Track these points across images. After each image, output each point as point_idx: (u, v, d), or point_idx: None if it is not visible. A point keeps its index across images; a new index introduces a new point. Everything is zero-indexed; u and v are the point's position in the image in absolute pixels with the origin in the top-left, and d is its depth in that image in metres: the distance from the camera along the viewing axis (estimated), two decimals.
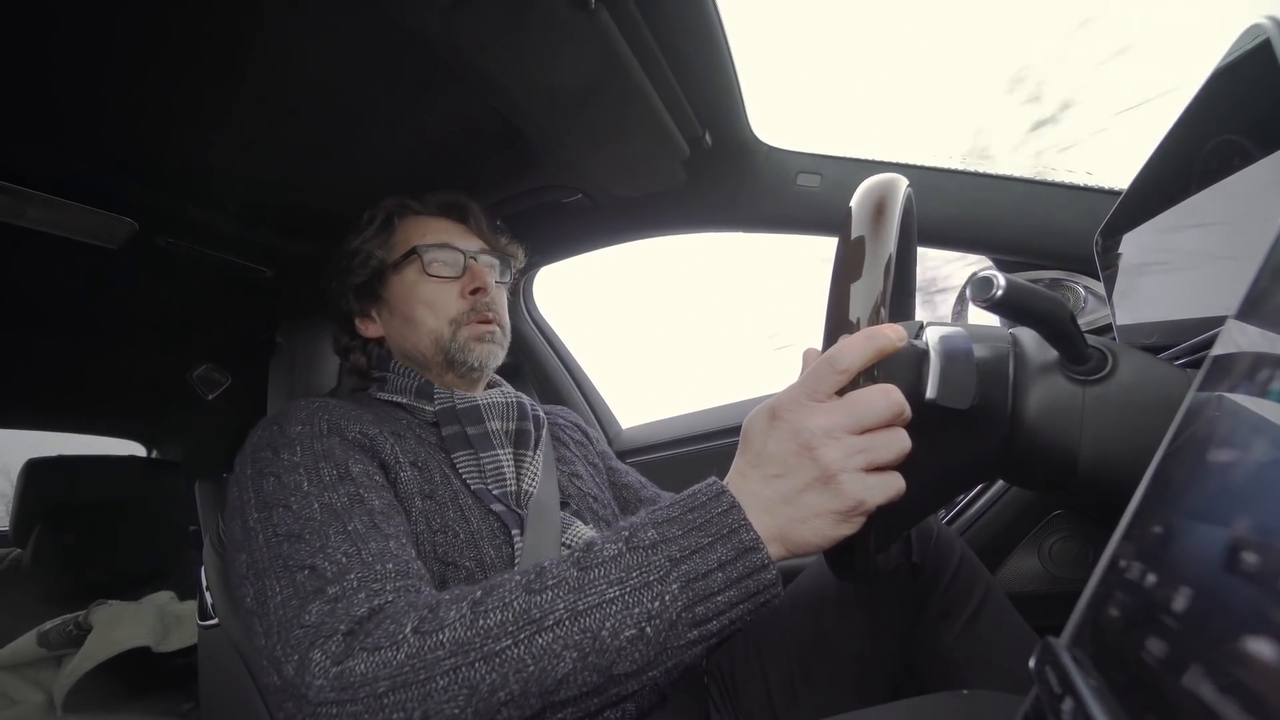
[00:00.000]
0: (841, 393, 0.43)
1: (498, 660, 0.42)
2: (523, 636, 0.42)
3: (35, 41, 0.72)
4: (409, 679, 0.42)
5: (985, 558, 0.86)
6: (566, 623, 0.42)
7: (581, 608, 0.43)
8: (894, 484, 0.43)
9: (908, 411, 0.43)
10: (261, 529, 0.56)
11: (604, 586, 0.43)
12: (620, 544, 0.45)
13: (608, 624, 0.42)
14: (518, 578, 0.46)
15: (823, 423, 0.43)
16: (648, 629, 0.42)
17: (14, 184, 0.90)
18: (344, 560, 0.52)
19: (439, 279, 0.83)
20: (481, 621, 0.43)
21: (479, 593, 0.46)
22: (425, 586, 0.54)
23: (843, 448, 0.42)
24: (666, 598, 0.42)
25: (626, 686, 0.43)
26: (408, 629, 0.44)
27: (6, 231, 0.97)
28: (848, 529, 0.43)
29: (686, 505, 0.46)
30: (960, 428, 0.49)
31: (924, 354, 0.46)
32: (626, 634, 0.42)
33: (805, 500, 0.43)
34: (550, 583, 0.44)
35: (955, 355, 0.45)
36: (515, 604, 0.44)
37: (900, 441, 0.42)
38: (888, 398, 0.42)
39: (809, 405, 0.43)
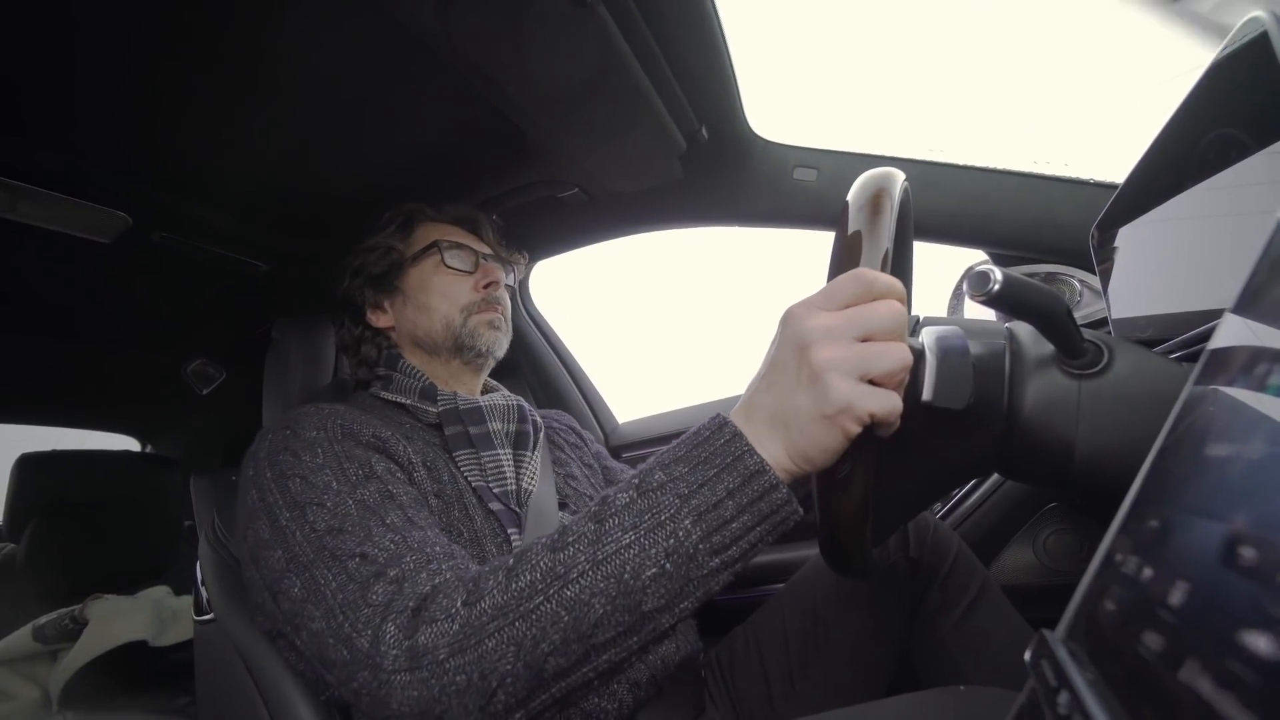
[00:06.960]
0: None
1: (534, 616, 0.45)
2: (552, 592, 0.45)
3: (26, 36, 0.71)
4: (463, 645, 0.46)
5: (980, 550, 0.87)
6: (590, 572, 0.45)
7: (601, 556, 0.45)
8: (888, 399, 0.41)
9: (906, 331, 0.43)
10: (298, 526, 0.58)
11: (619, 534, 0.45)
12: (632, 491, 0.47)
13: (628, 567, 0.44)
14: (544, 540, 0.49)
15: (823, 323, 0.43)
16: (667, 565, 0.44)
17: (6, 178, 0.89)
18: (392, 547, 0.55)
19: (455, 271, 0.88)
20: (514, 584, 0.47)
21: (512, 560, 0.49)
22: (471, 563, 0.57)
23: (837, 349, 0.42)
24: (680, 534, 0.44)
25: (660, 621, 0.46)
26: (458, 603, 0.48)
27: None
28: (838, 437, 0.42)
29: (691, 442, 0.47)
30: (956, 422, 0.49)
31: (919, 354, 0.46)
32: (648, 573, 0.44)
33: (796, 403, 0.43)
34: (571, 539, 0.47)
35: (951, 355, 0.45)
36: (542, 563, 0.47)
37: (900, 354, 0.42)
38: (892, 309, 0.42)
39: (816, 310, 0.44)
